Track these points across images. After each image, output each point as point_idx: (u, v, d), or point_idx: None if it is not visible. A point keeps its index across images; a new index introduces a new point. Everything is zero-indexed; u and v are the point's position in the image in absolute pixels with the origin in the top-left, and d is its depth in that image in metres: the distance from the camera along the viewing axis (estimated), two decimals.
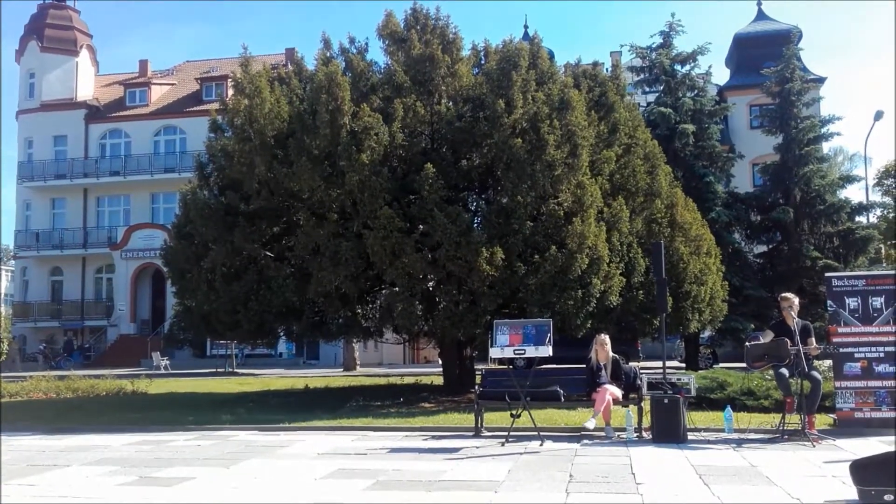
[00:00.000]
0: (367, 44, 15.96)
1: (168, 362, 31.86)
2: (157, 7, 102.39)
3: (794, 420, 9.34)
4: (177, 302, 16.40)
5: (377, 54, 42.63)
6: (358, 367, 31.44)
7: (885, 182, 34.42)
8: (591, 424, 9.51)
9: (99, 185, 41.79)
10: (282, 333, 16.67)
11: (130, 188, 41.57)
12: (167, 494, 6.81)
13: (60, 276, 42.15)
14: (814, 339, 9.68)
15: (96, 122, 43.01)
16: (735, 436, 9.61)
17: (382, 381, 20.46)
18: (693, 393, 10.48)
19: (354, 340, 25.07)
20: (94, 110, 43.19)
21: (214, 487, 7.09)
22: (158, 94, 44.07)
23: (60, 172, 41.73)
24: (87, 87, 44.39)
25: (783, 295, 10.10)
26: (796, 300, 9.91)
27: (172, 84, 45.17)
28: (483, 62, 15.53)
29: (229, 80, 24.92)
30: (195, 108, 40.83)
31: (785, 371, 9.36)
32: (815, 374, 9.49)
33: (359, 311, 15.36)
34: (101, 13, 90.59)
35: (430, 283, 13.89)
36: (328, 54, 15.52)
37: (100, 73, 46.43)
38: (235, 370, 30.88)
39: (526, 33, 32.26)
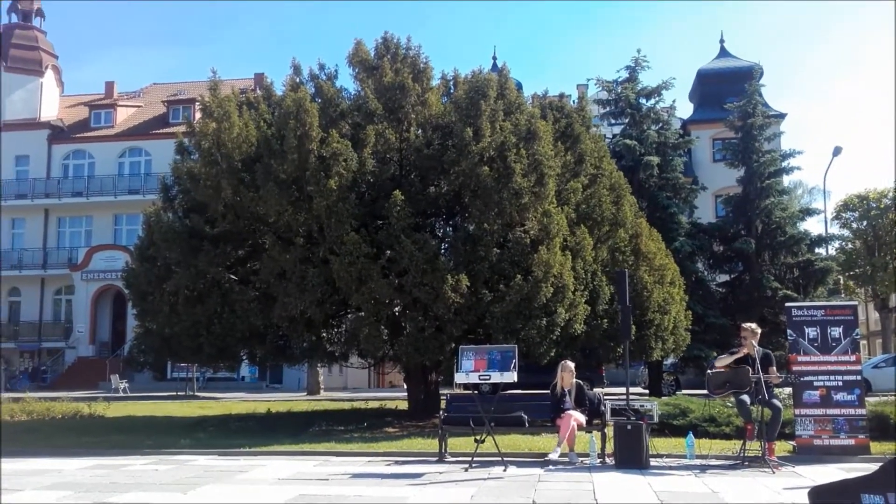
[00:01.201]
0: (336, 70, 16.06)
1: (127, 385, 31.21)
2: (124, 29, 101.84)
3: (754, 447, 9.46)
4: (137, 324, 16.13)
5: (347, 81, 42.73)
6: (322, 392, 31.09)
7: (844, 215, 35.33)
8: (555, 455, 9.58)
9: (60, 206, 41.13)
10: (244, 357, 16.47)
11: (93, 209, 40.98)
12: None
13: (18, 296, 41.24)
14: (774, 367, 9.83)
15: (60, 142, 42.46)
16: (697, 462, 9.69)
17: (346, 405, 20.28)
18: (656, 419, 10.58)
19: (319, 365, 24.86)
20: (57, 131, 42.65)
21: None
22: (124, 116, 43.69)
23: (21, 192, 41.01)
24: (51, 107, 43.88)
25: (744, 325, 10.27)
26: (757, 329, 10.08)
27: (139, 106, 44.83)
28: (452, 91, 15.67)
29: (197, 103, 24.83)
30: (161, 131, 40.51)
31: (745, 398, 9.49)
32: (775, 401, 9.62)
33: (324, 335, 15.26)
34: (67, 34, 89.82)
35: (396, 309, 13.86)
36: (298, 80, 15.56)
37: (65, 94, 45.95)
38: (196, 394, 30.36)
39: (495, 64, 32.78)
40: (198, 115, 21.59)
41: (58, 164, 42.21)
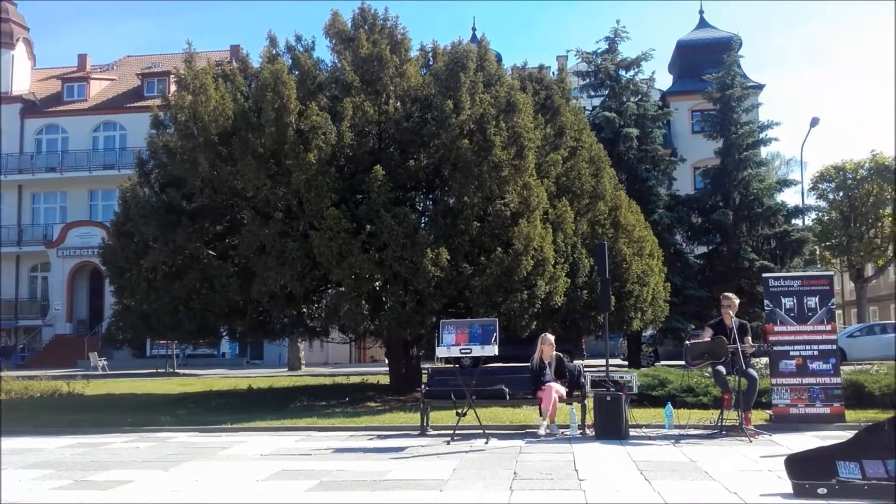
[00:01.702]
0: (313, 42, 15.87)
1: (106, 363, 31.03)
2: (97, 0, 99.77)
3: (731, 416, 9.58)
4: (115, 301, 16.00)
5: (324, 53, 42.24)
6: (303, 367, 31.13)
7: (820, 186, 35.65)
8: (542, 430, 9.65)
9: (34, 182, 40.54)
10: (224, 333, 16.43)
11: (67, 185, 40.44)
12: (103, 498, 6.64)
13: None
14: (750, 337, 9.94)
15: (32, 116, 41.73)
16: (675, 432, 9.80)
17: (328, 380, 20.30)
18: (635, 390, 10.68)
19: (299, 340, 24.84)
20: (30, 105, 41.89)
21: (152, 490, 6.94)
22: (98, 90, 42.97)
23: None
24: (23, 80, 43.06)
25: (724, 294, 10.36)
26: (735, 300, 10.17)
27: (112, 79, 44.10)
28: (431, 63, 15.54)
29: (172, 76, 24.43)
30: (136, 104, 39.95)
31: (722, 368, 9.60)
32: (751, 371, 9.73)
33: (304, 310, 15.23)
34: (39, 6, 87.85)
35: (377, 284, 13.84)
36: (274, 52, 15.33)
37: (37, 67, 45.09)
38: (176, 371, 30.27)
39: (474, 35, 32.48)
40: (173, 88, 21.30)
41: (31, 138, 41.54)
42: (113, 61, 46.82)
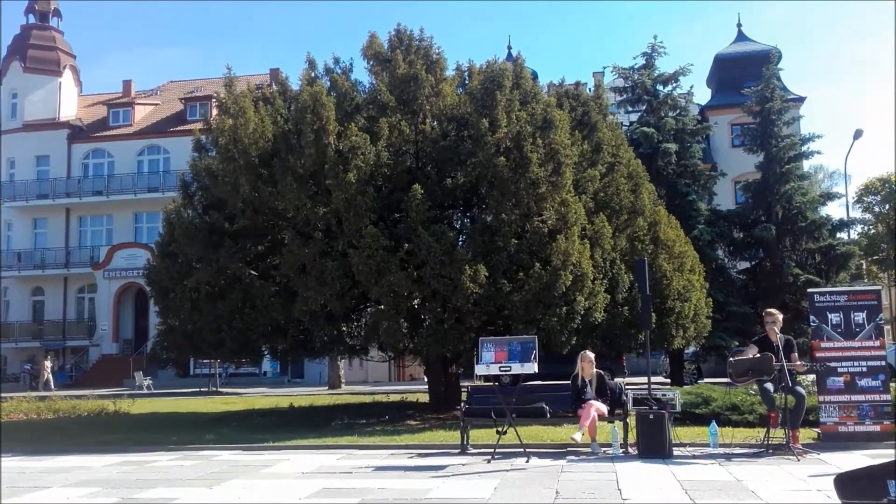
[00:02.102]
0: (351, 64, 16.05)
1: (151, 382, 31.55)
2: (141, 28, 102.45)
3: (778, 434, 9.39)
4: (160, 321, 16.27)
5: (361, 74, 42.80)
6: (343, 386, 31.24)
7: (865, 199, 34.96)
8: (578, 437, 9.55)
9: (81, 205, 41.52)
10: (266, 352, 16.58)
11: (113, 208, 41.34)
12: None
13: (42, 296, 41.76)
14: (796, 353, 9.75)
15: (79, 141, 42.83)
16: (720, 450, 9.64)
17: (368, 398, 20.36)
18: (678, 408, 10.52)
19: (339, 358, 24.97)
20: (77, 130, 43.02)
21: None
22: (142, 114, 43.98)
23: (43, 192, 41.44)
24: (70, 107, 44.26)
25: (767, 311, 10.18)
26: (780, 316, 9.99)
27: (156, 104, 45.10)
28: (467, 82, 15.62)
29: (213, 100, 24.93)
30: (179, 128, 40.76)
31: (769, 385, 9.42)
32: (798, 388, 9.54)
33: (344, 329, 15.32)
34: (84, 34, 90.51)
35: (415, 301, 13.87)
36: (313, 74, 15.57)
37: (83, 94, 46.30)
38: (219, 389, 30.61)
39: (510, 54, 32.53)
40: (214, 112, 21.71)
41: (78, 163, 42.60)
42: (156, 87, 47.88)
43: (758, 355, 9.50)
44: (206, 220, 15.13)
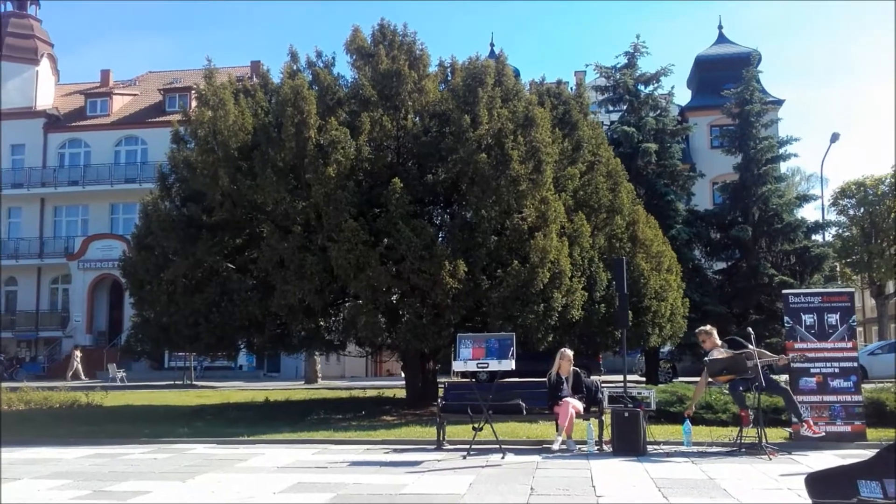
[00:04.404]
0: (334, 58, 15.97)
1: (124, 374, 31.26)
2: (120, 17, 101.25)
3: (751, 433, 9.49)
4: (135, 313, 16.12)
5: (344, 68, 42.58)
6: (319, 380, 31.13)
7: (841, 202, 35.34)
8: (557, 445, 9.61)
9: (57, 195, 40.99)
10: (243, 346, 16.48)
11: (89, 198, 40.85)
12: None
13: (15, 286, 41.16)
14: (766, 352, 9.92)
15: (56, 131, 42.28)
16: (694, 449, 9.73)
17: (344, 394, 20.31)
18: (653, 406, 10.61)
19: (317, 353, 24.87)
20: (53, 119, 42.47)
21: (170, 501, 6.97)
22: (120, 105, 43.51)
23: (17, 181, 40.84)
24: (47, 95, 43.68)
25: (699, 329, 10.41)
26: (713, 331, 10.17)
27: (134, 94, 44.63)
28: (449, 78, 15.62)
29: (193, 91, 24.71)
30: (157, 119, 40.37)
31: (740, 385, 9.53)
32: (779, 385, 9.72)
33: (322, 323, 15.27)
34: (62, 22, 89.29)
35: (394, 296, 13.87)
36: (295, 67, 15.48)
37: (60, 83, 45.70)
38: (194, 383, 30.39)
39: (492, 51, 32.58)
40: (194, 104, 21.52)
41: (54, 152, 42.05)
42: (135, 77, 47.38)
43: (733, 354, 9.62)
44: (183, 212, 15.01)
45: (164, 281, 14.31)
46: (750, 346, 9.49)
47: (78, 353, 34.12)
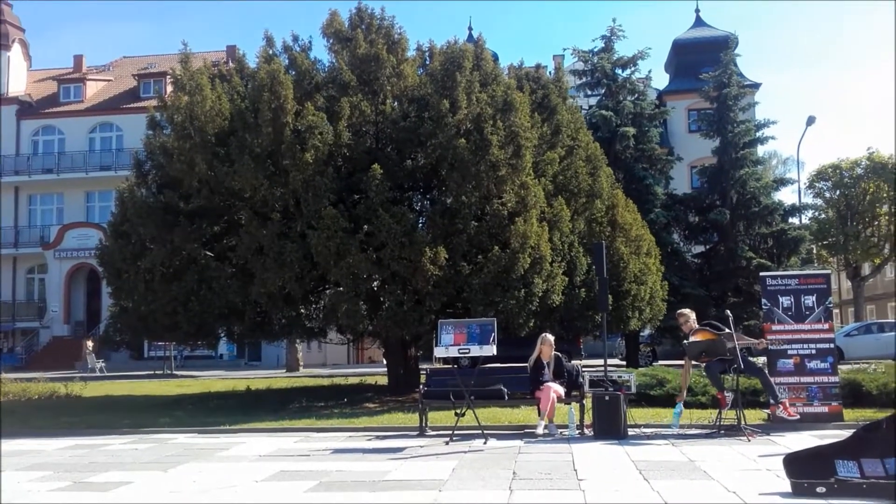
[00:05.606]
0: (310, 42, 15.84)
1: (103, 364, 31.00)
2: (93, 1, 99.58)
3: (730, 415, 9.58)
4: (113, 303, 15.97)
5: (321, 53, 42.26)
6: (301, 368, 31.10)
7: (817, 185, 35.69)
8: (540, 430, 9.65)
9: (31, 183, 40.45)
10: (223, 334, 16.39)
11: (64, 186, 40.34)
12: (102, 499, 6.63)
13: None
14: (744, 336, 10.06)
15: (28, 118, 41.64)
16: (674, 431, 9.81)
17: (326, 381, 20.29)
18: (633, 390, 10.69)
19: (298, 341, 24.81)
20: (26, 106, 41.80)
21: (151, 492, 6.93)
22: (94, 91, 42.90)
23: None
24: (19, 82, 42.97)
25: (678, 312, 10.48)
26: (692, 314, 10.26)
27: (109, 80, 44.02)
28: (428, 63, 15.54)
29: (168, 76, 24.38)
30: (132, 105, 39.90)
31: (715, 368, 9.62)
32: (755, 366, 9.83)
33: (302, 311, 15.21)
34: (34, 7, 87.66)
35: (375, 283, 13.84)
36: (271, 52, 15.32)
37: (32, 69, 44.97)
38: (174, 372, 30.22)
39: (470, 35, 32.44)
40: (169, 89, 21.24)
41: (27, 140, 41.44)
42: (109, 62, 46.73)
43: (712, 337, 9.70)
44: (160, 199, 14.85)
45: (142, 269, 14.17)
46: (727, 329, 9.59)
47: (90, 344, 33.74)
